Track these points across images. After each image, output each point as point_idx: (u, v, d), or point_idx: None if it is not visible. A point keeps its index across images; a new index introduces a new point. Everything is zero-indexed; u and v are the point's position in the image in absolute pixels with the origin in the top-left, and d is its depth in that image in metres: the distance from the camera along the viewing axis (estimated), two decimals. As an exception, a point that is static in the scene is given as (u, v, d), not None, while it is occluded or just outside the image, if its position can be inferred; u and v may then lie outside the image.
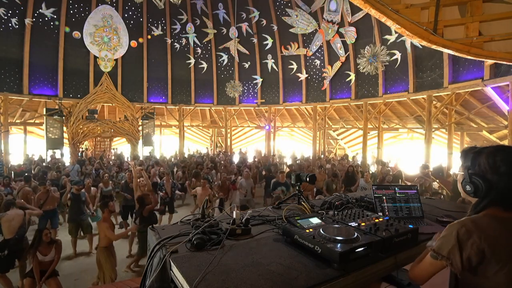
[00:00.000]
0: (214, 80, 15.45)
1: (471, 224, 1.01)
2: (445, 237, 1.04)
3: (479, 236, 0.97)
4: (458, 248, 0.98)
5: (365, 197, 1.92)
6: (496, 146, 1.10)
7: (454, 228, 1.02)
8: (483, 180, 1.04)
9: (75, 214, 5.72)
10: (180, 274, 1.03)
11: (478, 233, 0.98)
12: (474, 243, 0.97)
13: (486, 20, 3.86)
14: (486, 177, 1.04)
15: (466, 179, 1.10)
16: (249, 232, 1.40)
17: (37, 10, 11.90)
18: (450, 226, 1.05)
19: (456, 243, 0.99)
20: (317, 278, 1.01)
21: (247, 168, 8.58)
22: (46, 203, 5.73)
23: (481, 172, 1.05)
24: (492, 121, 10.07)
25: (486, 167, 1.05)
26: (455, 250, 0.99)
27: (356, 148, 16.17)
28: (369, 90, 12.10)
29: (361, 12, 11.35)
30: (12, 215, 4.41)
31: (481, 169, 1.06)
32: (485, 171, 1.05)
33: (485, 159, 1.05)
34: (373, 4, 3.76)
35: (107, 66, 13.54)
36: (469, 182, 1.08)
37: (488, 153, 1.06)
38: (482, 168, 1.06)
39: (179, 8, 14.37)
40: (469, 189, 1.08)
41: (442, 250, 1.02)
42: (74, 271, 4.94)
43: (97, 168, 9.55)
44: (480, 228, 0.99)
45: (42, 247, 3.89)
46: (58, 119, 12.61)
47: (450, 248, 1.00)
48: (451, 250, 1.00)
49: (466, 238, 0.98)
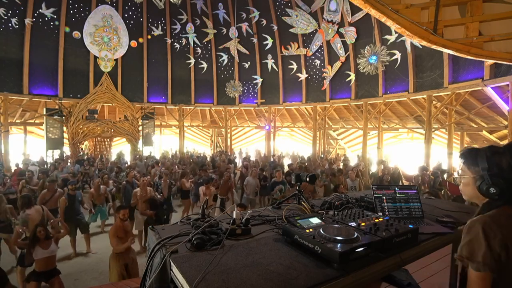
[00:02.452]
0: (214, 80, 15.45)
1: (491, 220, 0.99)
2: (472, 241, 0.99)
3: (501, 231, 0.96)
4: (489, 247, 0.95)
5: (365, 197, 1.92)
6: (507, 145, 1.09)
7: (477, 228, 0.99)
8: (505, 180, 1.03)
9: (72, 214, 5.70)
10: (180, 274, 1.03)
11: (500, 228, 0.96)
12: (496, 236, 0.95)
13: (486, 20, 3.86)
14: (509, 177, 1.03)
15: (486, 181, 1.06)
16: (249, 232, 1.40)
17: (37, 10, 11.90)
18: (470, 227, 1.01)
19: (485, 243, 0.95)
20: (317, 278, 1.01)
21: (253, 167, 8.60)
22: (50, 201, 5.79)
23: (503, 173, 1.04)
24: (492, 121, 10.08)
25: (507, 167, 1.04)
26: (488, 251, 0.95)
27: (356, 148, 16.18)
28: (369, 90, 12.10)
29: (361, 12, 11.35)
30: (34, 213, 4.48)
31: (503, 169, 1.04)
32: (508, 171, 1.04)
33: (505, 159, 1.04)
34: (373, 4, 3.76)
35: (107, 66, 13.54)
36: (493, 185, 1.04)
37: (503, 153, 1.06)
38: (504, 168, 1.04)
39: (179, 8, 14.37)
40: (494, 191, 1.04)
41: (476, 255, 0.97)
42: (74, 271, 4.94)
43: (100, 168, 9.56)
44: (499, 223, 0.98)
45: (40, 243, 3.87)
46: (58, 119, 12.62)
47: (484, 251, 0.95)
48: (485, 253, 0.95)
49: (492, 235, 0.96)
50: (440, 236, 1.47)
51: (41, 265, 3.84)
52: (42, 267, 3.84)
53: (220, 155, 13.95)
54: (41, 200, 5.76)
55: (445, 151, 10.66)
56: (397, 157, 13.61)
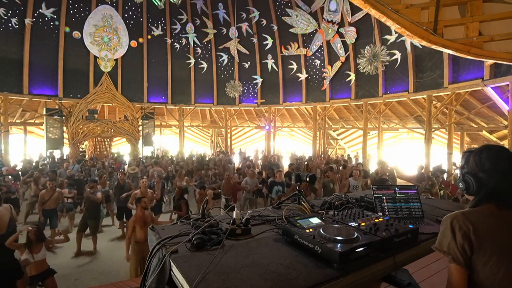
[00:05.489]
0: (214, 80, 15.46)
1: (461, 214, 1.05)
2: (442, 232, 1.07)
3: (466, 224, 1.01)
4: (453, 238, 1.02)
5: (365, 197, 1.91)
6: (483, 145, 1.15)
7: (447, 221, 1.06)
8: (474, 178, 1.09)
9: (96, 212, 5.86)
10: (180, 274, 1.03)
11: (466, 222, 1.02)
12: (461, 229, 1.01)
13: (486, 20, 3.86)
14: (477, 175, 1.09)
15: (460, 177, 1.16)
16: (249, 232, 1.40)
17: (37, 10, 11.91)
18: (443, 221, 1.09)
19: (451, 234, 1.02)
20: (317, 278, 1.01)
21: (251, 167, 8.60)
22: (49, 201, 5.81)
23: (472, 171, 1.10)
24: (492, 121, 10.07)
25: (473, 165, 1.10)
26: (453, 242, 1.02)
27: (356, 148, 16.18)
28: (369, 90, 12.10)
29: (361, 12, 11.35)
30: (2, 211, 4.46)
31: (471, 168, 1.11)
32: (475, 169, 1.10)
33: (472, 157, 1.11)
34: (373, 4, 3.76)
35: (107, 66, 13.55)
36: (462, 180, 1.13)
37: (475, 152, 1.12)
38: (472, 167, 1.11)
39: (179, 8, 14.38)
40: (461, 186, 1.13)
41: (443, 245, 1.05)
42: (74, 271, 4.93)
43: (99, 168, 9.59)
44: (468, 218, 1.03)
45: (33, 246, 3.83)
46: (58, 119, 12.62)
47: (449, 241, 1.03)
48: (450, 243, 1.02)
49: (457, 227, 1.02)
50: (440, 236, 1.47)
51: (32, 270, 3.78)
52: (34, 271, 3.79)
53: (218, 154, 13.96)
54: (41, 200, 5.77)
55: (445, 151, 10.66)
56: (397, 158, 13.59)
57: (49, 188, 5.94)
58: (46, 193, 5.89)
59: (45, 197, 5.84)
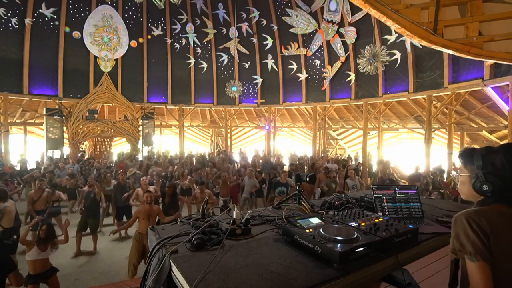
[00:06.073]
0: (214, 80, 15.45)
1: (474, 212, 1.03)
2: (460, 234, 1.03)
3: (482, 221, 1.00)
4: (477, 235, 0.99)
5: (365, 197, 1.92)
6: (502, 145, 1.12)
7: (462, 220, 1.03)
8: (499, 178, 1.06)
9: (95, 211, 5.88)
10: (180, 274, 1.03)
11: (482, 219, 1.01)
12: (479, 226, 1.00)
13: (486, 20, 3.86)
14: (502, 175, 1.06)
15: (481, 178, 1.09)
16: (249, 232, 1.40)
17: (37, 10, 11.90)
18: (455, 221, 1.05)
19: (472, 232, 1.00)
20: (317, 278, 1.01)
21: (250, 168, 8.58)
22: (38, 202, 5.65)
23: (497, 171, 1.07)
24: (492, 121, 10.07)
25: (501, 165, 1.07)
26: (477, 239, 0.99)
27: (356, 148, 16.18)
28: (369, 90, 12.09)
29: (361, 12, 11.35)
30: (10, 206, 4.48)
31: (497, 168, 1.07)
32: (502, 169, 1.07)
33: (502, 157, 1.07)
34: (373, 4, 3.76)
35: (107, 66, 13.54)
36: (486, 182, 1.07)
37: (504, 152, 1.08)
38: (498, 167, 1.07)
39: (179, 8, 14.37)
40: (487, 188, 1.07)
41: (465, 246, 1.01)
42: (74, 271, 4.93)
43: (98, 168, 9.57)
44: (483, 215, 1.02)
45: (39, 244, 3.84)
46: (58, 119, 12.61)
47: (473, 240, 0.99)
48: (474, 242, 0.99)
49: (475, 225, 1.00)
50: (440, 236, 1.47)
51: (38, 267, 3.78)
52: (39, 269, 3.79)
53: (218, 154, 13.93)
54: (30, 201, 5.62)
55: (445, 151, 10.66)
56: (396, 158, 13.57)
57: (37, 187, 5.75)
58: (34, 194, 5.71)
59: (34, 198, 5.65)
